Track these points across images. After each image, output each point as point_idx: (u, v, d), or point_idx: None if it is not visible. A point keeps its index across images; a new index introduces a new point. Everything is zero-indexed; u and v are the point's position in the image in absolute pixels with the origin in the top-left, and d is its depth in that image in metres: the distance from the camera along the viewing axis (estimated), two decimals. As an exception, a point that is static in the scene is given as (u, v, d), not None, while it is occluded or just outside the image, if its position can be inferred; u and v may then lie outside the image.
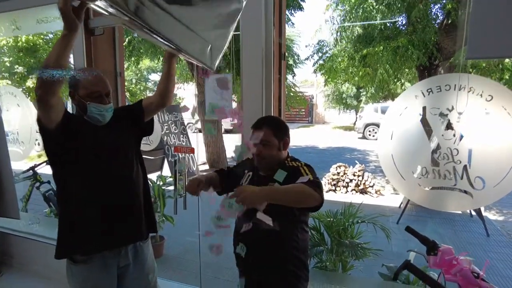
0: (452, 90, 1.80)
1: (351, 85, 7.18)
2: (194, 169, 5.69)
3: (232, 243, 1.72)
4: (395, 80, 5.92)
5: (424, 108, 1.88)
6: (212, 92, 2.33)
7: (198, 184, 1.59)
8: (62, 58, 1.22)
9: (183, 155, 5.29)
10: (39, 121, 1.40)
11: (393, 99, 13.30)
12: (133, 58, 8.17)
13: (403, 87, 6.99)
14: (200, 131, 8.41)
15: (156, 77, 18.14)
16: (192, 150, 2.39)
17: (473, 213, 5.06)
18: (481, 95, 1.75)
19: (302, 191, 1.34)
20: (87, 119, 1.54)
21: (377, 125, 13.97)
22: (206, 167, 7.96)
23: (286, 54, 2.38)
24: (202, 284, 2.79)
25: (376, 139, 11.85)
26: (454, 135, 1.83)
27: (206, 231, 1.50)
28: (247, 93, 2.15)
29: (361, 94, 14.98)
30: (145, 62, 14.28)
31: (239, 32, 2.12)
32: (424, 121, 1.89)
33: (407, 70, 6.08)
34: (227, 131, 14.03)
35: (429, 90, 1.86)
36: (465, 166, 1.83)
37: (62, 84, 1.27)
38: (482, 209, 4.78)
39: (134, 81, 17.35)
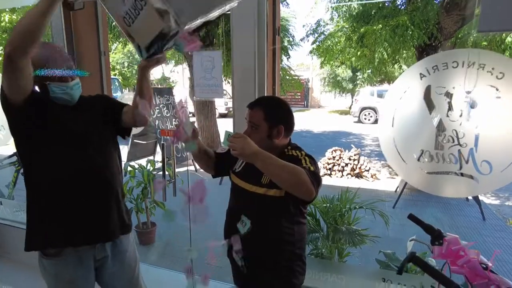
0: (459, 67, 1.67)
1: (347, 68, 7.00)
2: (187, 153, 5.54)
3: (224, 235, 1.61)
4: (393, 62, 5.76)
5: (428, 87, 1.75)
6: (201, 71, 2.16)
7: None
8: (37, 25, 1.05)
9: (174, 139, 5.11)
10: (2, 93, 1.23)
11: (389, 82, 13.16)
12: (121, 39, 7.87)
13: (400, 70, 6.83)
14: (193, 114, 8.21)
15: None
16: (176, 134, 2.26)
17: (469, 197, 5.02)
18: (491, 72, 1.62)
19: (298, 174, 1.20)
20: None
21: (373, 109, 13.86)
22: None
23: (281, 34, 2.19)
24: (195, 271, 2.70)
25: (372, 123, 11.78)
26: (460, 116, 1.70)
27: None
28: (238, 71, 1.99)
29: (357, 77, 14.79)
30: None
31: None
32: (428, 101, 1.76)
33: (404, 52, 5.91)
34: (222, 115, 13.85)
35: (435, 68, 1.72)
36: (471, 150, 1.71)
37: (35, 45, 1.09)
38: (479, 193, 4.73)
39: (126, 64, 16.93)
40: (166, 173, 2.64)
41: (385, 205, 4.37)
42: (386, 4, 5.03)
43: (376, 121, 13.73)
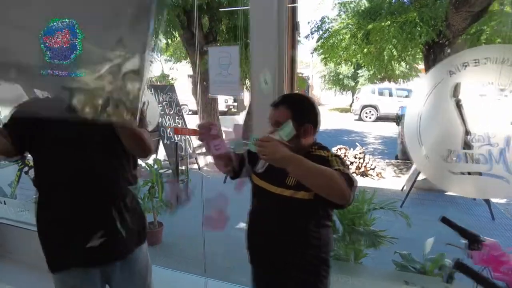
0: (490, 64, 1.60)
1: (351, 65, 6.92)
2: (190, 151, 5.47)
3: (246, 243, 1.53)
4: (400, 60, 5.70)
5: (458, 85, 1.68)
6: (216, 67, 2.09)
7: (210, 125, 1.35)
8: None
9: (179, 137, 5.05)
10: None
11: (390, 81, 13.09)
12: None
13: (407, 67, 6.78)
14: (194, 113, 8.13)
15: (147, 57, 17.52)
16: (195, 132, 2.18)
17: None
18: (526, 69, 1.55)
19: (331, 178, 1.12)
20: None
21: (374, 107, 13.78)
22: (203, 150, 7.75)
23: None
24: (207, 272, 2.63)
25: (373, 121, 11.70)
26: (491, 113, 1.64)
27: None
28: (258, 68, 1.91)
29: (358, 75, 14.70)
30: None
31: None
32: (457, 99, 1.70)
33: (410, 49, 5.84)
34: (221, 113, 13.75)
35: (465, 64, 1.65)
36: (502, 150, 1.65)
37: None
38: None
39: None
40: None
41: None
42: (393, 1, 4.95)
43: (377, 119, 13.69)
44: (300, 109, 1.35)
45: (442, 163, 1.76)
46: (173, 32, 6.41)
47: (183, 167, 2.32)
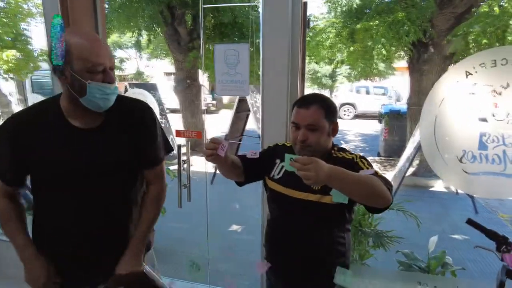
0: (509, 65, 1.61)
1: (336, 64, 6.96)
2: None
3: (266, 253, 1.48)
4: (385, 59, 5.80)
5: (474, 85, 1.68)
6: (223, 66, 1.99)
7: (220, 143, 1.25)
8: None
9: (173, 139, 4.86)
10: None
11: (366, 79, 13.38)
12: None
13: (384, 66, 6.90)
14: (172, 111, 7.93)
15: (121, 53, 17.00)
16: (199, 134, 2.07)
17: (460, 190, 5.15)
18: (542, 70, 1.57)
19: (374, 185, 1.07)
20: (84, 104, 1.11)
21: (352, 105, 14.07)
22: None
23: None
24: (211, 281, 2.54)
25: (351, 119, 11.93)
26: (508, 115, 1.65)
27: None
28: (269, 66, 1.84)
29: (337, 74, 14.93)
30: (112, 37, 13.22)
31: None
32: (474, 100, 1.70)
33: (393, 48, 5.96)
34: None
35: (482, 65, 1.65)
36: (516, 149, 1.66)
37: None
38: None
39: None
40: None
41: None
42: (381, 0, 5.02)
43: (355, 117, 13.98)
44: (329, 107, 1.31)
45: (457, 164, 1.76)
46: (156, 28, 6.19)
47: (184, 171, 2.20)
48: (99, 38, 1.12)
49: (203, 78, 8.64)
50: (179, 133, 2.17)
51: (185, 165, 2.26)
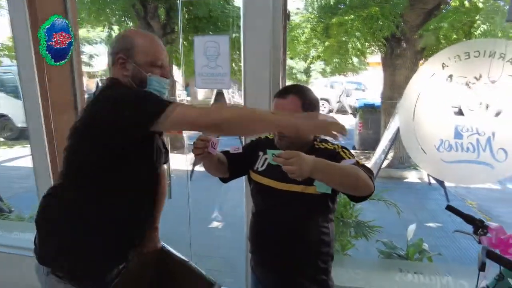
0: (481, 57, 1.68)
1: (312, 59, 7.02)
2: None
3: (251, 246, 1.46)
4: (359, 53, 5.92)
5: (450, 77, 1.74)
6: (203, 59, 1.95)
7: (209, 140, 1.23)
8: (253, 128, 1.16)
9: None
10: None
11: (339, 74, 13.63)
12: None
13: (358, 61, 7.05)
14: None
15: (91, 49, 16.29)
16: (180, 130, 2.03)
17: (432, 181, 5.38)
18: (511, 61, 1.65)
19: (356, 175, 1.09)
20: None
21: (327, 100, 14.27)
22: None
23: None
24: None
25: (326, 113, 12.15)
26: (480, 105, 1.72)
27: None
28: (252, 58, 1.82)
29: (311, 69, 15.08)
30: (80, 32, 12.66)
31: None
32: (449, 91, 1.76)
33: (367, 43, 6.08)
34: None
35: (456, 57, 1.71)
36: (489, 138, 1.74)
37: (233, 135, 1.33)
38: (440, 177, 5.06)
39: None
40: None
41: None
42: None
43: (329, 111, 14.21)
44: (308, 97, 1.30)
45: (435, 153, 1.82)
46: (128, 23, 5.99)
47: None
48: (158, 38, 1.26)
49: (177, 74, 8.47)
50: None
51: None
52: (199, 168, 6.19)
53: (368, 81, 14.84)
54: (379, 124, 6.71)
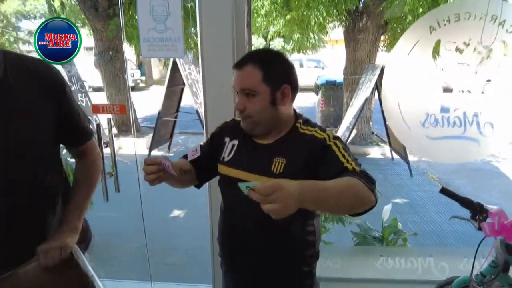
0: (472, 20, 1.49)
1: (274, 34, 6.67)
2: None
3: (221, 249, 1.23)
4: (321, 28, 5.69)
5: (438, 42, 1.54)
6: (149, 20, 1.58)
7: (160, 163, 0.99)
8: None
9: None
10: None
11: (298, 52, 13.49)
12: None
13: (314, 37, 6.85)
14: (96, 90, 7.07)
15: (29, 24, 14.64)
16: (122, 108, 1.68)
17: (395, 156, 5.43)
18: (502, 25, 1.48)
19: (357, 193, 0.85)
20: None
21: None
22: (114, 131, 6.81)
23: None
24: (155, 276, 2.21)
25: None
26: (469, 73, 1.55)
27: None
28: (208, 22, 1.49)
29: (271, 46, 14.78)
30: (10, 5, 11.22)
31: None
32: (436, 59, 1.57)
33: (328, 18, 5.88)
34: (131, 88, 12.46)
35: (445, 20, 1.51)
36: (475, 112, 1.60)
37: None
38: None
39: (-1, 30, 13.69)
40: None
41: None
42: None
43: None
44: (271, 66, 1.01)
45: (420, 129, 1.64)
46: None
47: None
48: None
49: (128, 51, 7.76)
50: (97, 109, 1.72)
51: (107, 149, 1.85)
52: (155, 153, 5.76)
53: (326, 59, 14.87)
54: (342, 100, 6.66)
